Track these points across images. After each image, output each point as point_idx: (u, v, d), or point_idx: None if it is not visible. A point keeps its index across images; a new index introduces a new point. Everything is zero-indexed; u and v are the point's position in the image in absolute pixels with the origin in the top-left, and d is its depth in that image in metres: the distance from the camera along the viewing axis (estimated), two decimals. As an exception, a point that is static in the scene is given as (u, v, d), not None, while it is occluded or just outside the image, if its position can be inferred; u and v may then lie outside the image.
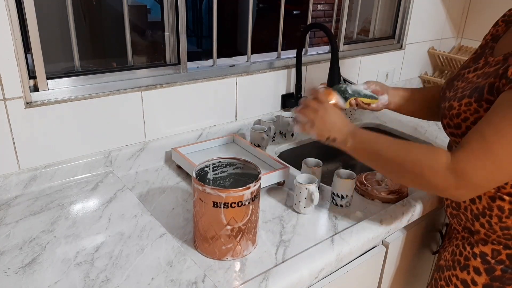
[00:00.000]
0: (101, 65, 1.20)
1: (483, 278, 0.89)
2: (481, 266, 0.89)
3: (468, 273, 0.91)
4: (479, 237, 0.91)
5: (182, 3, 1.18)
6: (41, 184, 1.04)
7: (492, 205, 0.86)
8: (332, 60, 1.31)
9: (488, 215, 0.87)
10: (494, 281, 0.88)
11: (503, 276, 0.87)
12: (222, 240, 0.81)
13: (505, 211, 0.84)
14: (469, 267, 0.91)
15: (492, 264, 0.88)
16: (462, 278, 0.92)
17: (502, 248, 0.88)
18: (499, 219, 0.85)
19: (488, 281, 0.88)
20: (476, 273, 0.90)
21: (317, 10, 4.00)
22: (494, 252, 0.88)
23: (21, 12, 0.94)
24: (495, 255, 0.88)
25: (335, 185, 1.03)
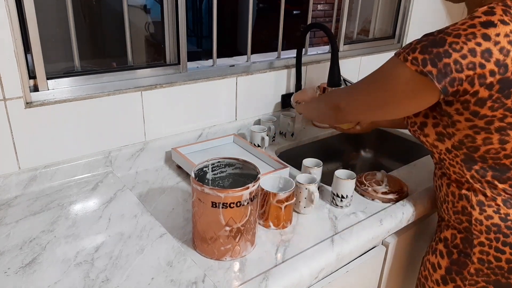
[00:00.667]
0: (101, 65, 1.20)
1: (445, 261, 0.94)
2: (444, 250, 0.96)
3: (435, 257, 0.97)
4: (444, 223, 0.98)
5: (182, 3, 1.18)
6: (41, 184, 1.04)
7: (448, 191, 0.95)
8: (332, 60, 1.31)
9: (446, 201, 0.96)
10: (452, 265, 0.93)
11: (459, 260, 0.92)
12: (221, 241, 0.81)
13: (456, 196, 0.92)
14: (436, 251, 0.98)
15: (450, 248, 0.94)
16: (432, 262, 0.98)
17: (457, 233, 0.93)
18: (453, 204, 0.94)
19: (448, 264, 0.94)
20: (441, 257, 0.96)
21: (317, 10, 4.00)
22: (452, 236, 0.95)
23: (21, 12, 0.94)
24: (452, 239, 0.95)
25: (335, 185, 1.03)
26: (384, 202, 1.07)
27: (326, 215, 1.01)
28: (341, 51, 1.67)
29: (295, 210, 1.00)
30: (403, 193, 1.09)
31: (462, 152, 0.86)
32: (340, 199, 1.03)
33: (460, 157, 0.87)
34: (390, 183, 1.12)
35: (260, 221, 0.94)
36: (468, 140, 0.84)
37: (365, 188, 1.09)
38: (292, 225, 0.96)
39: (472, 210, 0.89)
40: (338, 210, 1.03)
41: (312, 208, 1.00)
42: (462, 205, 0.91)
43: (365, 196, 1.09)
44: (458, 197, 0.92)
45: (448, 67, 0.75)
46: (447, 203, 0.95)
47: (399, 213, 1.03)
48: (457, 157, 0.88)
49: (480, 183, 0.88)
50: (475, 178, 0.88)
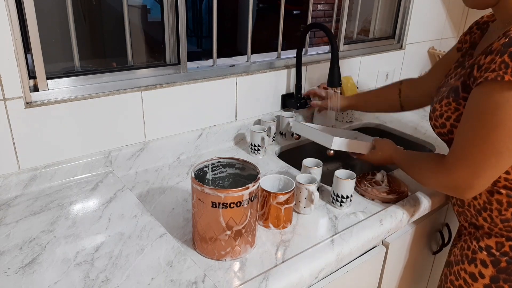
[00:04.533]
0: (101, 65, 1.20)
1: (490, 270, 0.91)
2: (487, 259, 0.92)
3: (475, 266, 0.94)
4: (483, 231, 0.94)
5: (182, 3, 1.18)
6: (41, 184, 1.04)
7: (491, 200, 0.90)
8: (332, 60, 1.31)
9: (488, 209, 0.91)
10: (500, 273, 0.90)
11: (508, 268, 0.90)
12: (221, 241, 0.81)
13: (504, 204, 0.88)
14: (476, 260, 0.94)
15: (497, 256, 0.91)
16: (470, 272, 0.94)
17: (505, 240, 0.91)
18: (499, 212, 0.89)
19: (494, 273, 0.91)
20: (483, 266, 0.92)
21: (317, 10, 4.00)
22: (498, 244, 0.91)
23: (21, 12, 0.94)
24: (499, 247, 0.91)
25: (335, 185, 1.03)
26: (384, 202, 1.06)
27: (326, 215, 1.01)
28: (341, 51, 1.67)
29: (295, 210, 1.00)
30: (403, 193, 1.09)
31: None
32: (340, 199, 1.02)
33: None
34: (390, 183, 1.12)
35: (260, 221, 0.94)
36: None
37: (365, 188, 1.09)
38: (292, 225, 0.96)
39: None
40: (338, 210, 1.03)
41: (312, 208, 1.00)
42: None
43: (365, 196, 1.09)
44: (506, 204, 0.88)
45: None
46: (489, 211, 0.91)
47: (399, 213, 1.03)
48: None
49: None
50: None
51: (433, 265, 1.33)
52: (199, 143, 1.30)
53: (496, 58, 0.76)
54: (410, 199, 1.09)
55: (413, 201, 1.08)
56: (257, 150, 1.30)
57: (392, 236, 1.06)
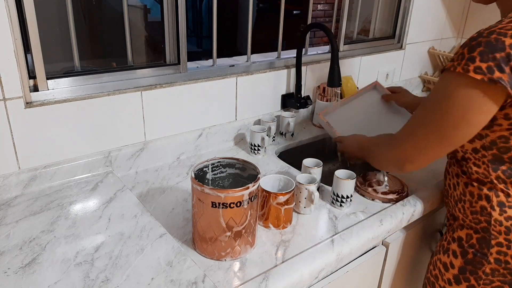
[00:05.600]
0: (101, 65, 1.20)
1: (459, 261, 0.94)
2: (458, 250, 0.95)
3: (448, 256, 0.97)
4: (458, 222, 0.97)
5: (182, 3, 1.18)
6: (41, 184, 1.04)
7: (465, 191, 0.94)
8: (332, 60, 1.30)
9: (463, 201, 0.95)
10: (467, 264, 0.93)
11: (474, 260, 0.92)
12: (221, 241, 0.81)
13: (475, 196, 0.91)
14: (449, 251, 0.97)
15: (465, 248, 0.94)
16: (444, 261, 0.98)
17: (473, 233, 0.93)
18: (470, 204, 0.93)
19: (462, 264, 0.93)
20: (454, 256, 0.95)
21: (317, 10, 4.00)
22: (467, 236, 0.94)
23: (21, 12, 0.94)
24: (468, 239, 0.93)
25: (335, 185, 1.03)
26: (384, 202, 1.06)
27: (326, 215, 1.01)
28: (341, 51, 1.67)
29: (295, 210, 1.00)
30: (403, 193, 1.09)
31: (492, 153, 0.86)
32: (340, 199, 1.02)
33: (488, 157, 0.86)
34: (390, 183, 1.12)
35: (260, 221, 0.94)
36: (501, 141, 0.83)
37: (365, 188, 1.09)
38: (292, 225, 0.96)
39: (492, 211, 0.88)
40: (338, 210, 1.03)
41: (312, 208, 1.00)
42: (481, 205, 0.90)
43: (365, 196, 1.09)
44: (477, 197, 0.91)
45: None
46: (463, 203, 0.94)
47: (399, 213, 1.03)
48: (484, 157, 0.87)
49: (504, 183, 0.87)
50: (500, 179, 0.87)
51: (433, 265, 1.33)
52: (199, 143, 1.30)
53: (459, 50, 0.78)
54: (410, 199, 1.09)
55: (413, 201, 1.08)
56: (257, 150, 1.30)
57: (392, 236, 1.06)
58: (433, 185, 1.16)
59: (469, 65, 0.75)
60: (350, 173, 1.03)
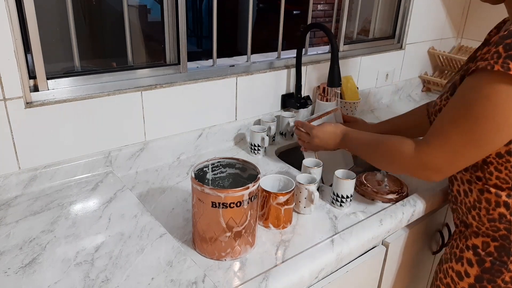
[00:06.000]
0: (101, 65, 1.20)
1: (475, 270, 0.91)
2: (473, 258, 0.92)
3: (462, 265, 0.93)
4: (472, 230, 0.94)
5: (182, 3, 1.18)
6: (41, 184, 1.04)
7: (481, 198, 0.89)
8: (332, 60, 1.30)
9: (478, 208, 0.91)
10: (484, 273, 0.90)
11: (492, 268, 0.89)
12: (221, 241, 0.81)
13: (492, 203, 0.88)
14: (463, 259, 0.94)
15: (482, 256, 0.90)
16: (457, 270, 0.94)
17: (490, 241, 0.90)
18: (487, 211, 0.89)
19: (479, 273, 0.90)
20: (469, 265, 0.92)
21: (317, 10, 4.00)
22: (484, 244, 0.91)
23: (21, 12, 0.94)
24: (484, 247, 0.90)
25: (335, 185, 1.03)
26: (384, 202, 1.06)
27: (326, 215, 1.01)
28: (341, 51, 1.67)
29: (295, 210, 1.00)
30: (403, 193, 1.09)
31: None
32: (340, 199, 1.03)
33: (511, 162, 0.83)
34: (390, 183, 1.12)
35: (260, 221, 0.94)
36: None
37: (365, 188, 1.09)
38: (292, 225, 0.96)
39: (511, 218, 0.86)
40: (338, 210, 1.03)
41: (312, 208, 1.00)
42: (500, 212, 0.87)
43: (365, 196, 1.09)
44: (495, 204, 0.87)
45: None
46: (478, 210, 0.90)
47: (399, 213, 1.03)
48: (508, 162, 0.83)
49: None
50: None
51: (433, 265, 1.33)
52: (199, 143, 1.30)
53: (491, 49, 0.74)
54: (410, 199, 1.09)
55: (413, 201, 1.08)
56: (257, 150, 1.30)
57: (392, 236, 1.06)
58: (433, 185, 1.16)
59: (509, 63, 0.70)
60: (350, 173, 1.03)
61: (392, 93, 1.94)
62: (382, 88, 1.88)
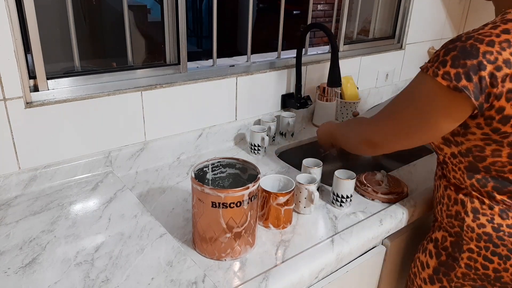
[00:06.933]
0: (101, 65, 1.20)
1: (433, 262, 0.95)
2: (433, 250, 0.96)
3: (425, 256, 0.98)
4: (437, 223, 0.98)
5: (182, 3, 1.18)
6: (41, 184, 1.04)
7: (444, 194, 0.94)
8: (332, 60, 1.31)
9: (441, 203, 0.95)
10: (441, 266, 0.93)
11: (446, 262, 0.92)
12: (221, 241, 0.81)
13: (451, 200, 0.91)
14: (426, 250, 0.98)
15: (439, 249, 0.94)
16: (421, 260, 0.99)
17: (448, 236, 0.93)
18: (447, 207, 0.93)
19: (436, 265, 0.94)
20: (429, 256, 0.96)
21: (317, 10, 4.00)
22: (443, 238, 0.95)
23: (21, 12, 0.94)
24: (443, 241, 0.94)
25: (335, 185, 1.03)
26: (384, 202, 1.07)
27: (326, 215, 1.01)
28: (341, 51, 1.67)
29: (295, 210, 1.00)
30: (403, 193, 1.09)
31: (467, 160, 0.85)
32: (340, 199, 1.02)
33: (464, 164, 0.86)
34: (390, 183, 1.12)
35: (260, 221, 0.94)
36: (477, 149, 0.82)
37: (365, 188, 1.09)
38: (292, 225, 0.96)
39: (465, 216, 0.88)
40: (338, 210, 1.03)
41: (312, 208, 1.00)
42: (456, 209, 0.90)
43: (365, 196, 1.09)
44: (453, 201, 0.91)
45: (483, 81, 0.70)
46: (441, 205, 0.95)
47: (399, 213, 1.03)
48: (461, 163, 0.86)
49: (479, 192, 0.86)
50: (475, 187, 0.86)
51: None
52: (199, 143, 1.30)
53: (437, 51, 0.78)
54: (410, 199, 1.09)
55: (413, 201, 1.08)
56: (257, 150, 1.30)
57: (392, 236, 1.06)
58: (433, 185, 1.15)
59: (440, 69, 0.73)
60: (350, 173, 1.03)
61: (392, 93, 1.94)
62: (382, 88, 1.88)
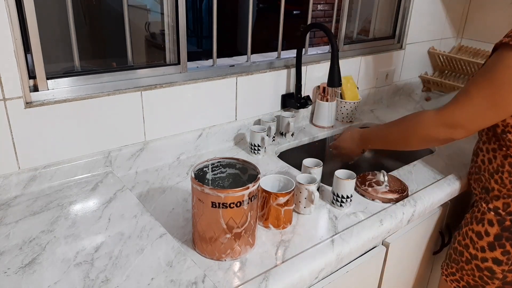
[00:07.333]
0: (101, 65, 1.20)
1: (495, 229, 1.01)
2: (494, 218, 1.00)
3: (482, 225, 1.02)
4: (493, 193, 1.03)
5: (182, 3, 1.18)
6: (41, 184, 1.04)
7: (504, 163, 0.99)
8: (332, 60, 1.31)
9: (500, 172, 1.00)
10: (504, 231, 1.00)
11: (511, 226, 0.99)
12: (221, 241, 0.81)
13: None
14: (484, 220, 1.03)
15: (503, 216, 1.00)
16: (477, 231, 1.04)
17: (511, 201, 0.99)
18: (509, 174, 0.99)
19: (499, 231, 1.00)
20: (489, 225, 1.01)
21: (317, 10, 4.00)
22: (504, 205, 1.00)
23: (21, 12, 0.94)
24: (505, 208, 1.00)
25: (335, 186, 1.03)
26: (384, 202, 1.06)
27: (326, 215, 1.01)
28: (341, 51, 1.67)
29: (295, 210, 1.00)
30: (404, 193, 1.09)
31: None
32: (340, 199, 1.02)
33: None
34: (390, 183, 1.11)
35: (260, 221, 0.94)
36: None
37: (365, 188, 1.09)
38: (292, 225, 0.96)
39: None
40: (338, 210, 1.03)
41: (312, 208, 1.00)
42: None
43: (365, 196, 1.09)
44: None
45: None
46: (500, 173, 1.00)
47: (399, 213, 1.03)
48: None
49: None
50: None
51: (433, 265, 1.33)
52: (199, 143, 1.30)
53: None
54: (410, 199, 1.09)
55: (413, 201, 1.08)
56: (257, 150, 1.30)
57: (392, 236, 1.06)
58: (433, 185, 1.16)
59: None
60: (350, 173, 1.03)
61: (392, 93, 1.95)
62: (382, 88, 1.88)
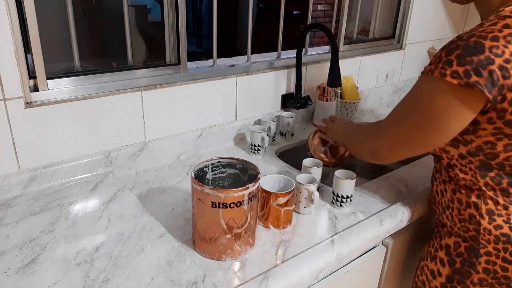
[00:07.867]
0: (101, 65, 1.20)
1: (446, 270, 0.92)
2: (445, 258, 0.93)
3: (435, 264, 0.95)
4: (446, 229, 0.95)
5: (182, 3, 1.18)
6: (41, 184, 1.04)
7: (453, 198, 0.92)
8: (332, 60, 1.31)
9: (451, 208, 0.93)
10: (455, 273, 0.91)
11: (462, 269, 0.90)
12: (221, 241, 0.81)
13: (463, 204, 0.89)
14: (436, 258, 0.95)
15: (453, 256, 0.92)
16: (431, 268, 0.96)
17: (461, 241, 0.91)
18: (459, 211, 0.91)
19: (450, 273, 0.92)
20: (441, 264, 0.94)
21: (317, 10, 4.00)
22: (455, 244, 0.92)
23: (21, 12, 0.94)
24: (456, 248, 0.92)
25: (335, 185, 1.03)
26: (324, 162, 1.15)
27: (326, 215, 1.01)
28: (341, 51, 1.67)
29: (295, 210, 1.00)
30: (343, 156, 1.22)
31: (478, 159, 0.83)
32: (340, 199, 1.02)
33: (475, 163, 0.84)
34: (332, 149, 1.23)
35: (260, 221, 0.94)
36: (488, 147, 0.81)
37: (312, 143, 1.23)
38: (292, 225, 0.96)
39: (481, 219, 0.86)
40: (338, 210, 1.03)
41: (312, 208, 1.00)
42: (470, 213, 0.87)
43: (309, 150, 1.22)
44: (465, 204, 0.88)
45: (494, 74, 0.71)
46: (451, 210, 0.92)
47: (399, 213, 1.03)
48: (471, 163, 0.85)
49: (493, 190, 0.84)
50: (489, 186, 0.84)
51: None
52: (199, 143, 1.30)
53: (437, 53, 0.78)
54: (410, 199, 1.09)
55: (413, 201, 1.08)
56: (257, 150, 1.30)
57: (392, 236, 1.06)
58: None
59: (446, 69, 0.73)
60: (350, 173, 1.03)
61: (392, 93, 1.95)
62: (382, 88, 1.88)
